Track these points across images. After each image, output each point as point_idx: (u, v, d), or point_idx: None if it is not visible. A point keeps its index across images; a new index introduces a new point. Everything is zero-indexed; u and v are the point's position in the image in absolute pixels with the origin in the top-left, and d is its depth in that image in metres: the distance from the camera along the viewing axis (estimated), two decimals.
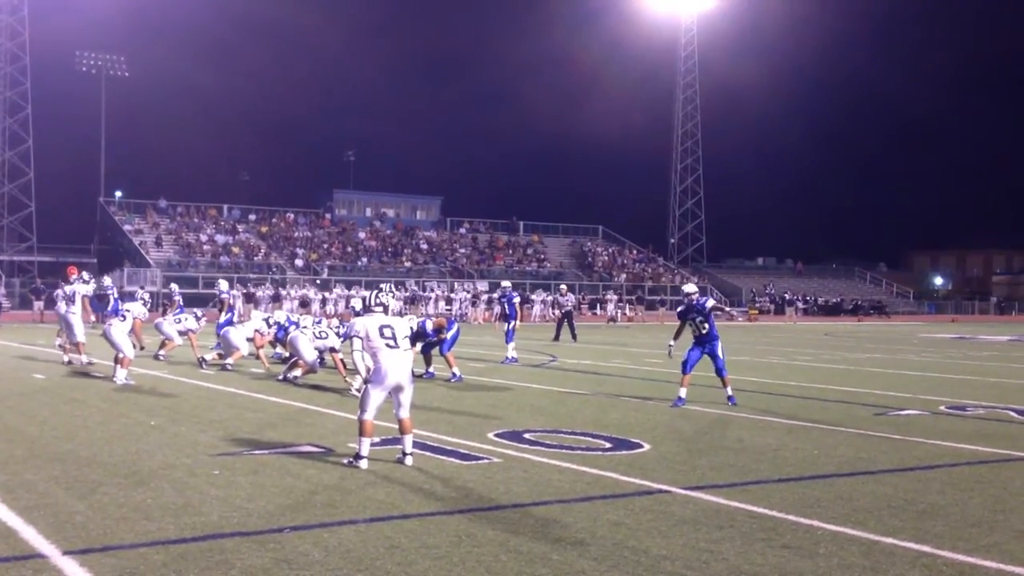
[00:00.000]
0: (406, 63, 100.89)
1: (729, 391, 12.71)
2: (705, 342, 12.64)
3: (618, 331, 38.19)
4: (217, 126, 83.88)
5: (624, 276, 64.01)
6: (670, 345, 13.18)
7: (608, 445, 9.28)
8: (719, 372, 12.69)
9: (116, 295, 25.61)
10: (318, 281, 49.42)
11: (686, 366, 12.57)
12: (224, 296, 21.14)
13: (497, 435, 9.73)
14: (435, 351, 16.12)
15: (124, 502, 6.65)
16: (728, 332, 38.78)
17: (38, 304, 38.85)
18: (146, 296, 19.23)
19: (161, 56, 71.32)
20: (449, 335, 15.88)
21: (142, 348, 16.85)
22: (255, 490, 7.08)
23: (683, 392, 12.52)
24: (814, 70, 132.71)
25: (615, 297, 51.54)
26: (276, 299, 43.56)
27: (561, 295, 32.22)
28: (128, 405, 11.97)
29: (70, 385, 14.34)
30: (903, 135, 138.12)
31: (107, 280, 26.34)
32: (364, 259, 58.53)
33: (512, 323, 20.60)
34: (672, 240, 75.09)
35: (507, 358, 19.85)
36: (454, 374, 15.41)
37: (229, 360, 16.71)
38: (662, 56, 76.41)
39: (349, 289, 47.50)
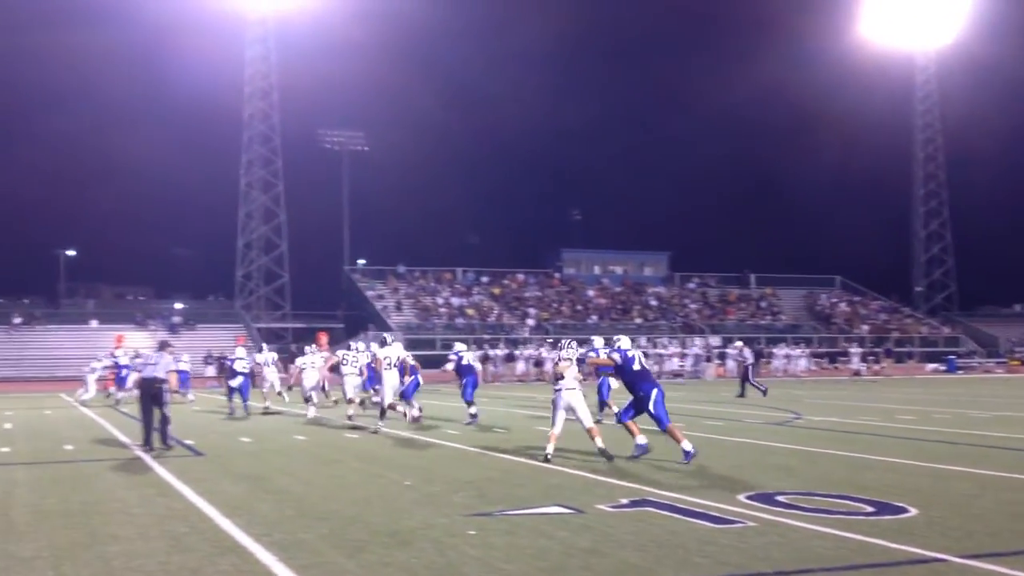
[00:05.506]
0: (624, 117, 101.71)
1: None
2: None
3: (864, 386, 36.39)
4: (450, 193, 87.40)
5: (866, 327, 61.12)
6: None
7: (870, 509, 8.79)
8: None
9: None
10: (550, 340, 50.04)
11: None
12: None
13: (748, 497, 9.42)
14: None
15: (390, 561, 6.90)
16: (988, 385, 36.08)
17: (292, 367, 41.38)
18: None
19: (396, 131, 75.41)
20: (652, 397, 12.35)
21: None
22: (511, 551, 7.16)
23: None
24: None
25: (859, 350, 49.30)
26: (510, 359, 44.50)
27: (737, 350, 31.10)
28: (382, 465, 12.47)
29: (329, 446, 15.12)
30: None
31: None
32: (594, 317, 58.88)
33: (463, 380, 19.15)
34: (918, 288, 71.18)
35: (469, 416, 18.65)
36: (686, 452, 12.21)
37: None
38: (896, 97, 73.16)
39: (581, 347, 47.74)
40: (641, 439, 12.50)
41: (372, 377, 18.90)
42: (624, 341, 12.92)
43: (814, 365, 50.33)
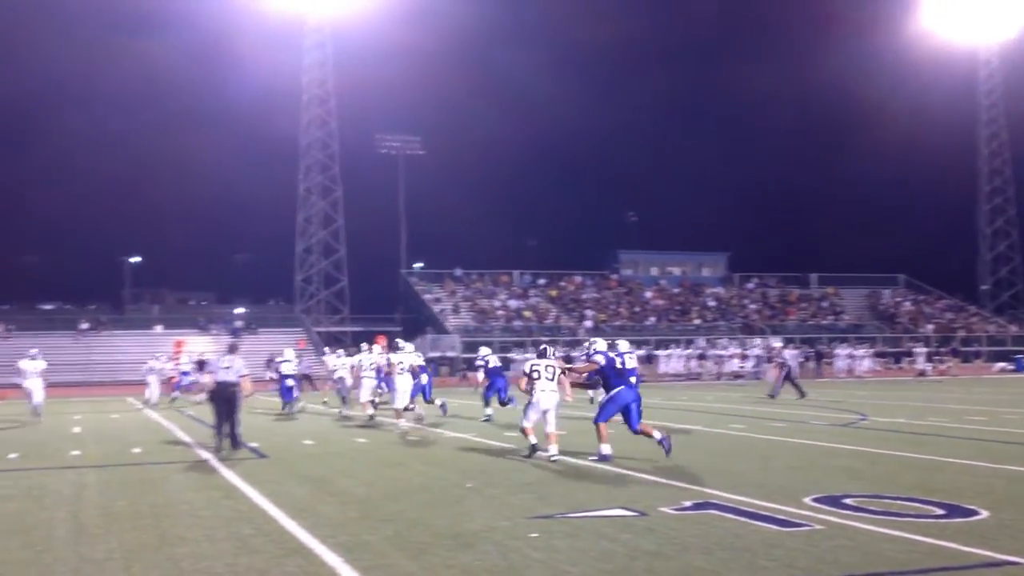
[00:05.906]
0: (681, 117, 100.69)
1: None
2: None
3: (930, 386, 35.70)
4: (506, 196, 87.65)
5: (931, 326, 59.95)
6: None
7: (940, 512, 8.61)
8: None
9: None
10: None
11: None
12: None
13: (814, 500, 9.29)
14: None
15: (453, 563, 6.92)
16: None
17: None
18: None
19: (452, 135, 75.68)
20: (612, 393, 12.65)
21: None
22: (574, 554, 7.14)
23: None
24: None
25: (924, 349, 48.38)
26: (568, 361, 44.38)
27: (776, 351, 30.75)
28: (444, 468, 12.51)
29: (390, 448, 15.22)
30: None
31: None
32: (652, 318, 58.55)
33: (483, 382, 20.68)
34: (984, 286, 69.66)
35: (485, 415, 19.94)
36: (601, 453, 12.62)
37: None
38: (959, 92, 71.61)
39: (639, 349, 47.50)
40: (657, 434, 12.54)
41: (383, 379, 20.16)
42: (600, 343, 13.25)
43: (878, 365, 49.52)
